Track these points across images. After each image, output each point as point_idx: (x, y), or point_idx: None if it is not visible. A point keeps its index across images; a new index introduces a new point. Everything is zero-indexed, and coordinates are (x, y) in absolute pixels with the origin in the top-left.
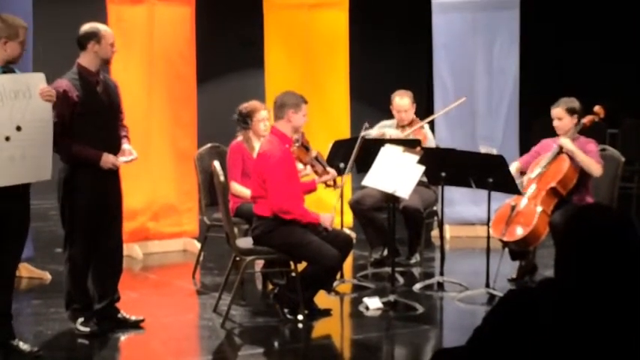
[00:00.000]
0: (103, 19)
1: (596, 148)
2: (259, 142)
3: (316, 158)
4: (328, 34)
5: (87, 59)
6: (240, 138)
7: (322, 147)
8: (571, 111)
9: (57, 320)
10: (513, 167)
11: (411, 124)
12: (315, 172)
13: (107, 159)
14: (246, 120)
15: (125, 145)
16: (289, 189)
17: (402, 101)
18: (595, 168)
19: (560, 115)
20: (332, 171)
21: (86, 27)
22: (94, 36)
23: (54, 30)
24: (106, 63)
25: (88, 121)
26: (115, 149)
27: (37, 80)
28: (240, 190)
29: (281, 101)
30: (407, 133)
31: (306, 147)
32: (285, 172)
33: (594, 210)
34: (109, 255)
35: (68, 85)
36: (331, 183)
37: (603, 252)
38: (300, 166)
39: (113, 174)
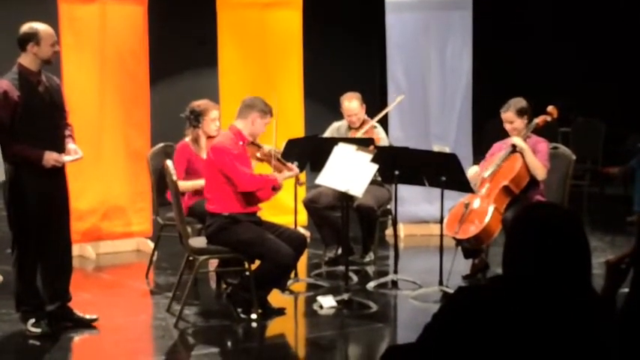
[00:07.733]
0: (55, 18)
1: (546, 148)
2: (208, 141)
3: (272, 155)
4: (282, 33)
5: (27, 60)
6: (187, 138)
7: (276, 146)
8: (521, 112)
9: (7, 321)
10: (473, 171)
11: (362, 125)
12: (276, 168)
13: (49, 157)
14: (197, 118)
15: (70, 145)
16: (248, 171)
17: (351, 104)
18: (540, 172)
19: (511, 118)
20: (293, 167)
21: (25, 27)
22: (33, 37)
23: (3, 29)
24: (46, 63)
25: (30, 121)
26: (59, 148)
27: None
28: (184, 184)
29: (251, 102)
30: (359, 135)
31: (257, 145)
32: (241, 160)
33: (541, 208)
34: (57, 255)
35: (8, 86)
36: (299, 182)
37: (550, 250)
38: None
39: (59, 173)
